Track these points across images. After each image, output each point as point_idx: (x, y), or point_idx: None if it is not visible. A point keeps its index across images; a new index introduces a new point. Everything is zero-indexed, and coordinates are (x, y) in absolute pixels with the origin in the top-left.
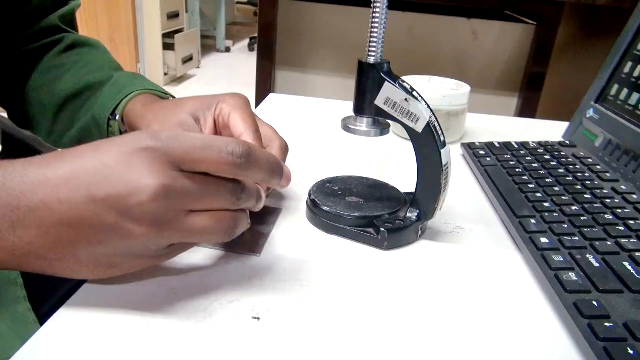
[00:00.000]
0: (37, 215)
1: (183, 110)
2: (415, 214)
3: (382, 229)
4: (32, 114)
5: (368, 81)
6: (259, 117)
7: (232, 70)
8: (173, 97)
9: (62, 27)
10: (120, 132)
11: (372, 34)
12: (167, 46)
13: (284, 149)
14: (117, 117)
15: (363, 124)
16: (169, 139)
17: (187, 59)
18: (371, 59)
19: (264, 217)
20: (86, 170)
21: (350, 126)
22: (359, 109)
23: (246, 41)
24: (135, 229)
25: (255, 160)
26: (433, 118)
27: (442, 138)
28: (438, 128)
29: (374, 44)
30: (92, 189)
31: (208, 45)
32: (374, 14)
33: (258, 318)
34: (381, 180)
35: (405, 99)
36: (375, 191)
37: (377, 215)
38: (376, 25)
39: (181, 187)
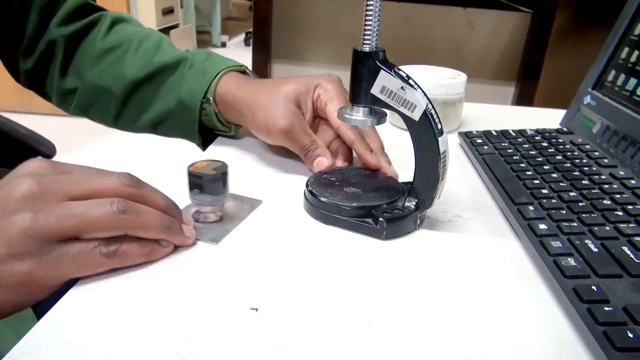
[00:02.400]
0: None
1: (284, 98)
2: (414, 203)
3: (380, 218)
4: (93, 100)
5: (364, 70)
6: None
7: None
8: (251, 71)
9: (91, 4)
10: (215, 114)
11: (367, 22)
12: None
13: (374, 132)
14: (211, 100)
15: (359, 113)
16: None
17: None
18: (366, 48)
19: (236, 210)
20: None
21: (347, 116)
22: (355, 99)
23: (242, 36)
24: (14, 215)
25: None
26: (430, 106)
27: (439, 126)
28: (435, 116)
29: (368, 32)
30: None
31: (204, 40)
32: (368, 2)
33: (256, 309)
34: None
35: (402, 87)
36: (373, 181)
37: (375, 206)
38: (371, 12)
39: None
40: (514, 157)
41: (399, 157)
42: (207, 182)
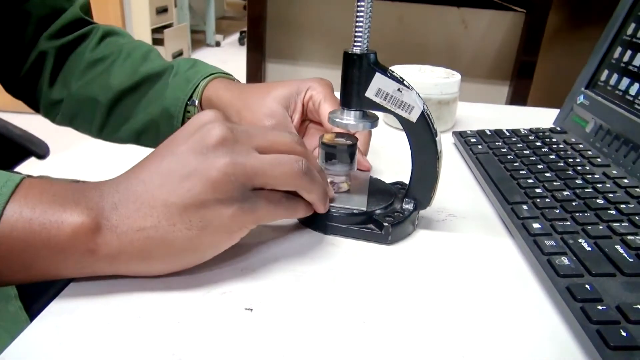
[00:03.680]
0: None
1: (273, 99)
2: (412, 204)
3: (385, 224)
4: (78, 110)
5: (356, 73)
6: None
7: (223, 64)
8: (235, 79)
9: (85, 19)
10: None
11: (357, 23)
12: (157, 42)
13: (368, 135)
14: (196, 102)
15: (351, 117)
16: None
17: (177, 54)
18: (357, 50)
19: (354, 180)
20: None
21: (338, 120)
22: (346, 102)
23: (237, 35)
24: (214, 160)
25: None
26: (425, 106)
27: (434, 126)
28: (431, 116)
29: (359, 34)
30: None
31: (198, 40)
32: (359, 3)
33: (251, 309)
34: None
35: (399, 89)
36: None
37: (374, 210)
38: (362, 14)
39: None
40: (508, 157)
41: (394, 156)
42: (341, 152)
